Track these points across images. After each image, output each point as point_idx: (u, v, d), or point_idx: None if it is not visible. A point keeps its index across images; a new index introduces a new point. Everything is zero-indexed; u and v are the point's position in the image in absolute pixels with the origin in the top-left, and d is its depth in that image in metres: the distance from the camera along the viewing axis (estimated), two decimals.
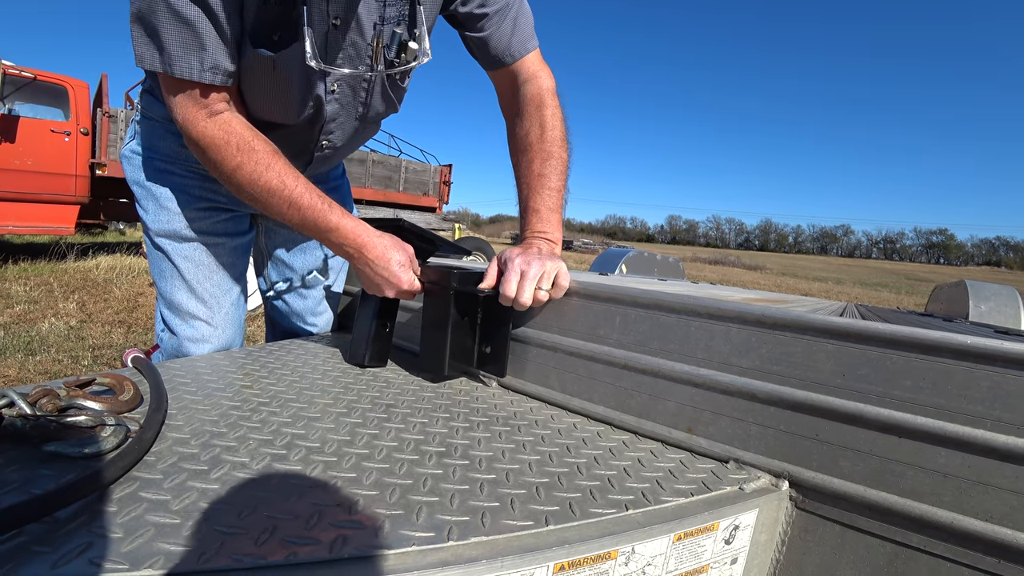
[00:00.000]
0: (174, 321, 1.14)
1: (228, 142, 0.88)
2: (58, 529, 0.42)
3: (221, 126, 0.88)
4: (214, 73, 0.85)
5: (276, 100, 0.98)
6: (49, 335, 3.57)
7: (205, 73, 0.84)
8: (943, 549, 0.54)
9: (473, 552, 0.44)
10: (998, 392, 0.52)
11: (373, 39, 0.98)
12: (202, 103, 0.87)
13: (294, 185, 0.89)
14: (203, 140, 0.88)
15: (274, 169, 0.89)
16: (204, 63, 0.83)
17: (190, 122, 0.87)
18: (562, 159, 1.04)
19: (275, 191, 0.89)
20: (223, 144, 0.88)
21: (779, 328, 0.65)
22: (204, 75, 0.84)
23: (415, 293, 0.94)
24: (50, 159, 6.08)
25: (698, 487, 0.61)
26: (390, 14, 0.97)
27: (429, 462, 0.61)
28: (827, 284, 27.50)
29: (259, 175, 0.88)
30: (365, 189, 8.47)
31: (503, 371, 0.93)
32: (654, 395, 0.75)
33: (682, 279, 4.14)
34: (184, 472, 0.53)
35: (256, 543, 0.42)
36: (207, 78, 0.84)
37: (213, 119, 0.88)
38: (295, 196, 0.89)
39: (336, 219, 0.91)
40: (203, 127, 0.87)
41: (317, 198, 0.90)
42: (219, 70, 0.85)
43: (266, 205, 0.91)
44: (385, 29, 0.98)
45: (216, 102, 0.88)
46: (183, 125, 0.88)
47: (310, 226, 0.92)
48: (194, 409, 0.71)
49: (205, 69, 0.84)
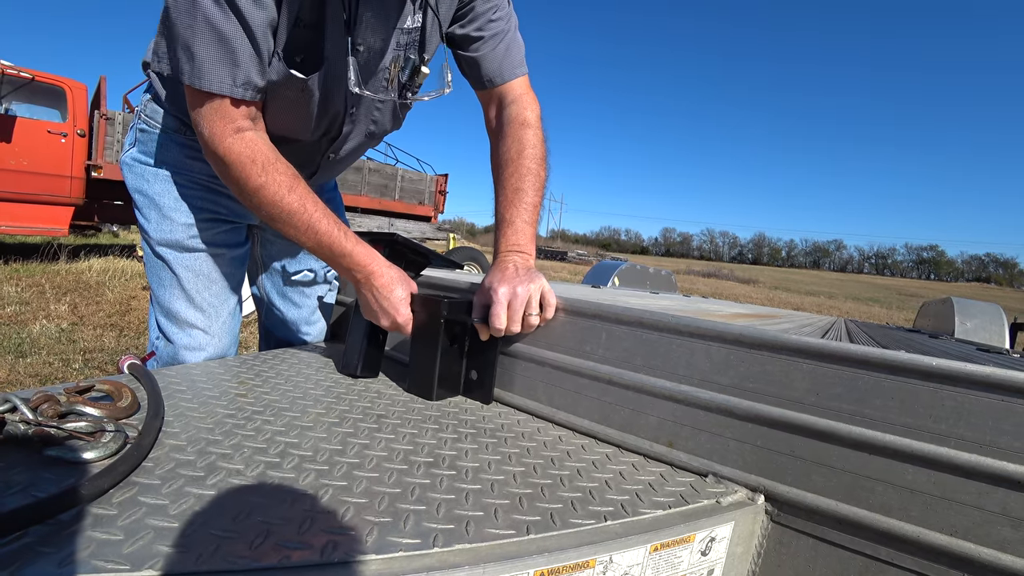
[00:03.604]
0: (171, 329, 1.16)
1: (254, 160, 0.89)
2: (62, 531, 0.43)
3: (248, 144, 0.89)
4: (245, 88, 0.86)
5: (295, 119, 1.02)
6: (40, 337, 3.56)
7: (237, 88, 0.85)
8: (910, 563, 0.57)
9: (457, 559, 0.46)
10: (962, 412, 0.54)
11: (391, 63, 1.01)
12: (230, 118, 0.88)
13: (313, 209, 0.92)
14: (228, 156, 0.89)
15: (296, 192, 0.91)
16: (236, 78, 0.84)
17: (217, 137, 0.88)
18: (540, 177, 1.07)
19: (295, 213, 0.91)
20: (248, 162, 0.89)
21: (756, 347, 0.67)
22: (236, 90, 0.85)
23: (409, 329, 0.95)
24: (46, 160, 6.08)
25: (676, 500, 0.63)
26: (406, 40, 1.01)
27: (417, 472, 0.63)
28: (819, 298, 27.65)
29: (281, 197, 0.90)
30: (361, 197, 8.49)
31: (489, 398, 0.94)
32: (637, 410, 0.77)
33: (675, 292, 4.17)
34: (181, 478, 0.55)
35: (251, 547, 0.44)
36: (238, 93, 0.86)
37: (239, 136, 0.89)
38: (313, 221, 0.91)
39: (351, 246, 0.93)
40: (229, 143, 0.88)
41: (334, 224, 0.93)
42: (250, 86, 0.86)
43: (284, 225, 0.93)
44: (401, 54, 1.02)
45: (243, 118, 0.89)
46: (208, 139, 0.89)
47: (324, 249, 0.94)
48: (190, 416, 0.72)
49: (237, 84, 0.85)
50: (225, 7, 0.79)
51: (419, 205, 9.61)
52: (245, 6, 0.80)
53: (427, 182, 9.79)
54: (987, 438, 0.53)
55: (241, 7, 0.80)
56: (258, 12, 0.82)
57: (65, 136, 6.20)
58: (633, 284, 4.09)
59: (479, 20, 1.08)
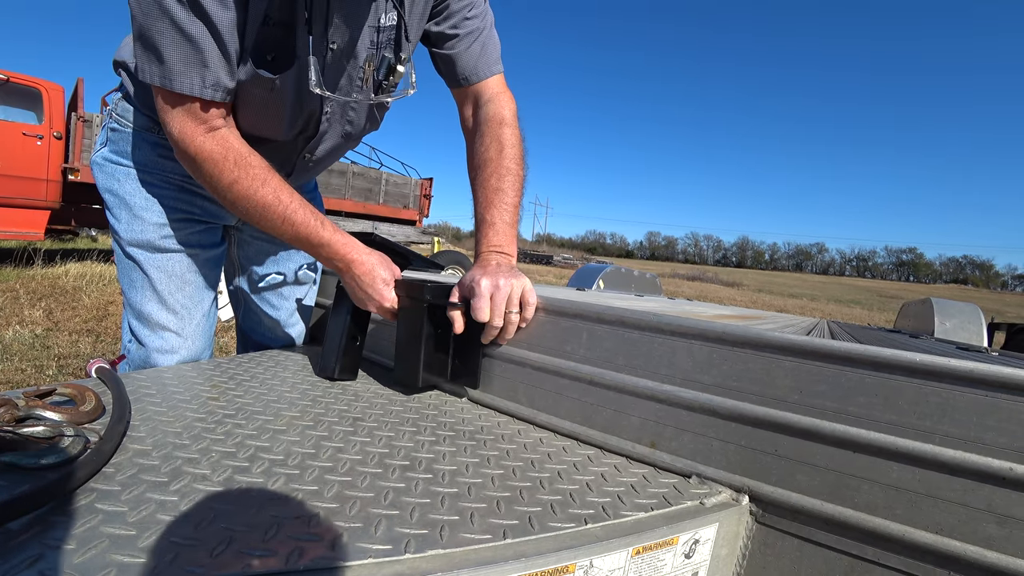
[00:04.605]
0: (142, 332, 1.13)
1: (226, 157, 0.88)
2: (10, 540, 0.41)
3: (219, 141, 0.89)
4: (215, 90, 0.85)
5: (268, 118, 1.00)
6: (13, 343, 3.47)
7: (207, 90, 0.84)
8: (896, 561, 0.56)
9: (429, 565, 0.45)
10: (946, 408, 0.54)
11: (366, 62, 1.00)
12: (201, 118, 0.87)
13: (288, 200, 0.91)
14: (200, 155, 0.88)
15: (269, 185, 0.90)
16: (206, 80, 0.84)
17: (188, 137, 0.87)
18: (519, 176, 1.06)
19: (270, 206, 0.90)
20: (220, 159, 0.88)
21: (739, 345, 0.66)
22: (205, 91, 0.84)
23: (395, 313, 0.95)
24: (21, 162, 5.95)
25: (659, 501, 0.62)
26: (381, 39, 0.99)
27: (392, 475, 0.61)
28: (802, 300, 27.97)
29: (255, 190, 0.89)
30: (345, 201, 8.43)
31: (476, 383, 0.93)
32: (619, 410, 0.76)
33: (659, 295, 4.18)
34: (143, 484, 0.53)
35: (211, 554, 0.42)
36: (208, 95, 0.85)
37: (211, 135, 0.88)
38: (289, 212, 0.91)
39: (328, 235, 0.93)
40: (200, 142, 0.88)
41: (310, 214, 0.92)
42: (220, 87, 0.86)
43: (260, 219, 0.92)
44: (376, 54, 1.00)
45: (215, 118, 0.88)
46: (179, 139, 0.88)
47: (302, 240, 0.94)
48: (158, 420, 0.70)
49: (207, 86, 0.84)
50: (189, 10, 0.78)
51: (404, 209, 9.57)
52: (211, 7, 0.79)
53: (412, 186, 9.76)
54: (972, 434, 0.52)
55: (207, 8, 0.78)
56: (224, 13, 0.80)
57: (41, 139, 6.07)
58: (618, 287, 4.10)
59: (454, 18, 1.07)
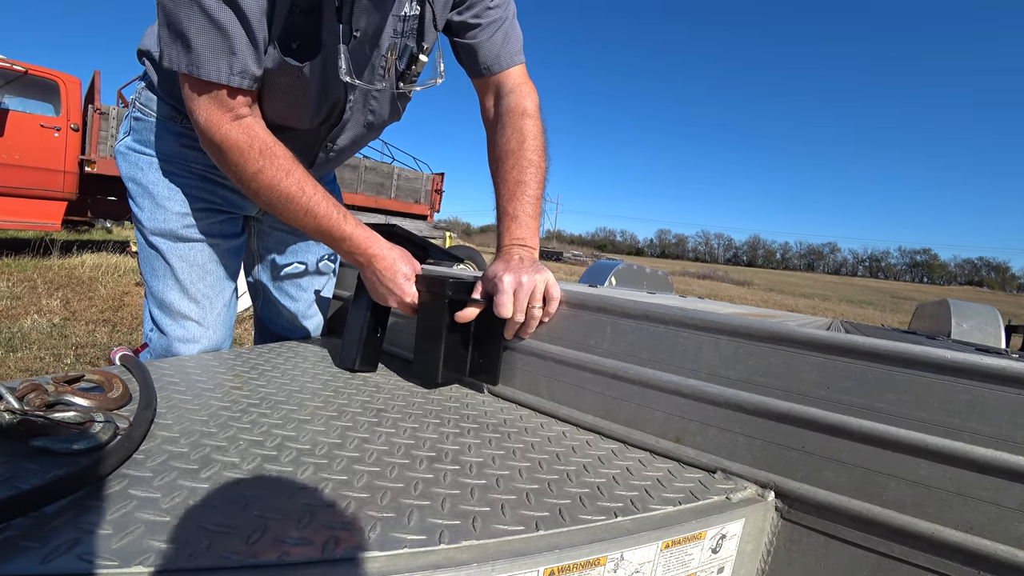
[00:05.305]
0: (164, 321, 1.13)
1: (252, 146, 0.88)
2: (46, 524, 0.41)
3: (245, 130, 0.89)
4: (242, 77, 0.85)
5: (292, 106, 1.00)
6: (31, 332, 3.51)
7: (234, 77, 0.84)
8: (924, 560, 0.55)
9: (464, 556, 0.45)
10: (976, 406, 0.53)
11: (388, 51, 0.99)
12: (227, 106, 0.87)
13: (312, 192, 0.91)
14: (226, 143, 0.88)
15: (294, 175, 0.90)
16: (233, 67, 0.83)
17: (214, 125, 0.87)
18: (541, 168, 1.05)
19: (293, 197, 0.90)
20: (246, 148, 0.88)
21: (766, 340, 0.66)
22: (233, 79, 0.84)
23: (415, 308, 0.95)
24: (39, 154, 6.02)
25: (686, 496, 0.61)
26: (404, 28, 0.99)
27: (420, 466, 0.61)
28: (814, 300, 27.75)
29: (279, 181, 0.89)
30: (357, 195, 8.46)
31: (496, 379, 0.93)
32: (643, 405, 0.76)
33: (670, 293, 4.16)
34: (174, 471, 0.53)
35: (247, 542, 0.42)
36: (235, 82, 0.85)
37: (237, 123, 0.88)
38: (312, 204, 0.91)
39: (350, 229, 0.94)
40: (226, 130, 0.88)
41: (332, 207, 0.92)
42: (247, 74, 0.85)
43: (282, 210, 0.92)
44: (399, 42, 1.00)
45: (241, 106, 0.88)
46: (205, 127, 0.88)
47: (324, 233, 0.94)
48: (183, 409, 0.70)
49: (234, 73, 0.84)
50: None
51: (415, 204, 9.58)
52: None
53: (423, 181, 9.77)
54: (1003, 432, 0.52)
55: None
56: (253, 0, 0.80)
57: (58, 130, 6.13)
58: (630, 284, 4.08)
59: (477, 7, 1.07)
